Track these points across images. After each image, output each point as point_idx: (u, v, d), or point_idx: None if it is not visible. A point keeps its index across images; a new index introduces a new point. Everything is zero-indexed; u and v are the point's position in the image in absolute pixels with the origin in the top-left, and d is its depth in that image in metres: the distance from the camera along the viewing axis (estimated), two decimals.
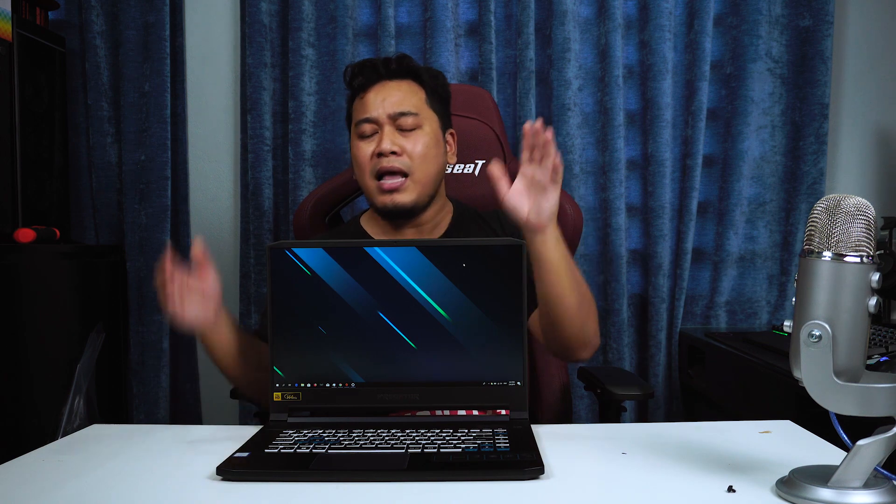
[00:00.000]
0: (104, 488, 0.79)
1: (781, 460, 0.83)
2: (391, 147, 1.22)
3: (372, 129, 1.25)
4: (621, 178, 1.96)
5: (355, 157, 1.27)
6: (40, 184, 1.84)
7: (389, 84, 1.27)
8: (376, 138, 1.25)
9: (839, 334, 0.70)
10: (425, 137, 1.25)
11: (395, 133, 1.24)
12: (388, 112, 1.24)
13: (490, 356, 0.98)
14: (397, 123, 1.24)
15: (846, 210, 0.69)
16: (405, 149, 1.23)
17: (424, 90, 1.29)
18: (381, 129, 1.24)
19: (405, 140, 1.24)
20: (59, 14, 2.04)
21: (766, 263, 2.04)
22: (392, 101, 1.24)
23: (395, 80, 1.28)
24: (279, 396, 1.00)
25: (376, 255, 0.99)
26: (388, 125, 1.24)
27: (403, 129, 1.24)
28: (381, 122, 1.24)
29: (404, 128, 1.24)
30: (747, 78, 1.98)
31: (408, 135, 1.24)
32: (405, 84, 1.28)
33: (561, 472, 0.82)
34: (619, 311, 1.97)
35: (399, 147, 1.23)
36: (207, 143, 2.11)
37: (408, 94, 1.26)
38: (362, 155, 1.25)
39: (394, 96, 1.25)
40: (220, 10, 2.09)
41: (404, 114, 1.24)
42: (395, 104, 1.24)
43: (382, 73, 1.28)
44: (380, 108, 1.24)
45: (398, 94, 1.26)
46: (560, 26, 1.93)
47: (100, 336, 1.79)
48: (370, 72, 1.28)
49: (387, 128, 1.24)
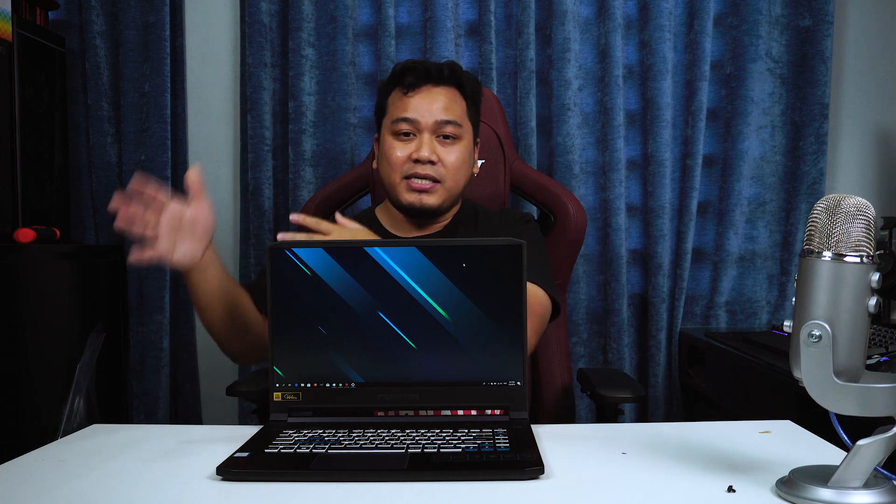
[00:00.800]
0: (104, 488, 0.79)
1: (781, 460, 0.83)
2: (430, 156, 1.22)
3: (410, 129, 1.25)
4: (621, 178, 1.96)
5: (387, 153, 1.26)
6: (40, 184, 1.84)
7: (437, 90, 1.27)
8: (414, 141, 1.24)
9: (839, 334, 0.70)
10: (462, 149, 1.26)
11: (434, 141, 1.24)
12: (436, 119, 1.24)
13: (490, 356, 0.98)
14: (439, 131, 1.24)
15: (846, 210, 0.69)
16: (442, 158, 1.24)
17: (466, 101, 1.30)
18: (421, 135, 1.24)
19: (443, 149, 1.25)
20: (59, 14, 2.04)
21: (766, 263, 2.04)
22: (439, 108, 1.25)
23: (442, 86, 1.28)
24: (279, 396, 1.00)
25: (376, 255, 0.99)
26: (429, 132, 1.24)
27: (444, 136, 1.25)
28: (422, 128, 1.24)
29: (445, 136, 1.25)
30: (747, 78, 1.98)
31: (447, 144, 1.25)
32: (451, 92, 1.28)
33: (561, 472, 0.82)
34: (619, 311, 1.97)
35: (437, 156, 1.23)
36: (207, 143, 2.11)
37: (452, 103, 1.27)
38: (396, 154, 1.25)
39: (440, 103, 1.25)
40: (220, 10, 2.09)
41: (449, 122, 1.24)
42: (442, 112, 1.25)
43: (433, 76, 1.27)
44: (426, 112, 1.24)
45: (445, 100, 1.26)
46: (560, 26, 1.93)
47: (100, 336, 1.79)
48: (422, 73, 1.27)
49: (426, 134, 1.24)
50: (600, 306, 2.02)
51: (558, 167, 1.96)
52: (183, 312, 2.06)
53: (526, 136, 1.95)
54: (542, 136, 2.00)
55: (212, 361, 2.11)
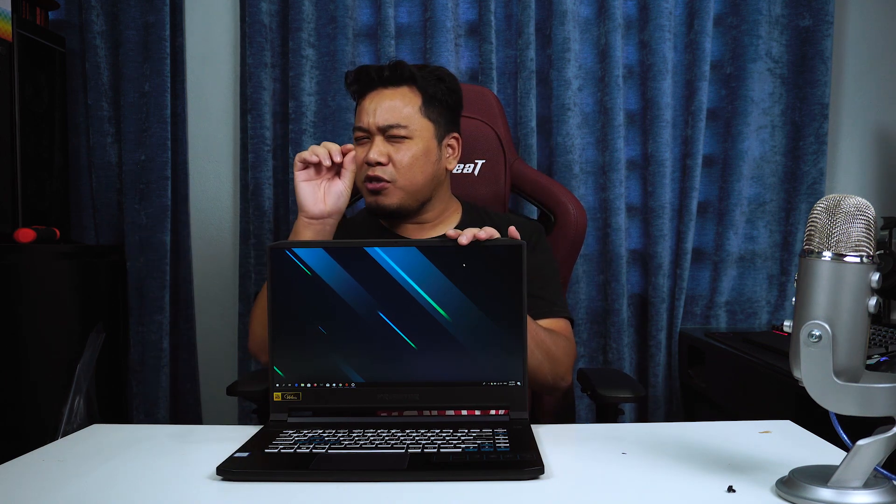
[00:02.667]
0: (104, 488, 0.79)
1: (781, 460, 0.83)
2: (377, 157, 1.24)
3: (363, 135, 1.28)
4: (621, 178, 1.96)
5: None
6: (40, 184, 1.84)
7: (384, 92, 1.28)
8: (367, 145, 1.27)
9: (839, 334, 0.70)
10: (413, 148, 1.26)
11: (384, 142, 1.26)
12: (378, 124, 1.25)
13: (490, 356, 0.98)
14: (388, 133, 1.26)
15: (846, 210, 0.69)
16: (392, 158, 1.25)
17: (421, 97, 1.29)
18: (372, 138, 1.26)
19: (394, 149, 1.25)
20: (59, 14, 2.04)
21: (766, 263, 2.04)
22: (382, 112, 1.26)
23: (390, 87, 1.28)
24: (279, 396, 1.00)
25: (376, 255, 0.99)
26: (379, 135, 1.26)
27: (393, 137, 1.26)
28: (371, 132, 1.26)
29: (395, 136, 1.26)
30: (747, 78, 1.98)
31: (396, 144, 1.26)
32: (400, 91, 1.28)
33: (561, 472, 0.82)
34: (619, 311, 1.97)
35: (385, 157, 1.25)
36: (207, 143, 2.11)
37: (402, 103, 1.27)
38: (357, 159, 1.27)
39: (385, 106, 1.26)
40: (220, 10, 2.09)
41: (392, 126, 1.25)
42: (385, 116, 1.25)
43: (376, 81, 1.28)
44: (371, 117, 1.26)
45: (390, 103, 1.26)
46: (560, 26, 1.93)
47: (100, 336, 1.79)
48: (365, 79, 1.29)
49: (377, 137, 1.26)
50: (600, 306, 2.02)
51: (558, 167, 1.96)
52: (183, 312, 2.06)
53: (526, 136, 1.95)
54: (542, 136, 2.00)
55: (212, 361, 2.11)
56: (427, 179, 1.29)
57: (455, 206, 1.38)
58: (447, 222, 1.34)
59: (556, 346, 1.15)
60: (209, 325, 2.11)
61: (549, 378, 1.15)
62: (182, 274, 2.05)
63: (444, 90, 1.31)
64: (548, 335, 1.14)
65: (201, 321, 2.09)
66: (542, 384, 1.16)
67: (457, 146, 1.35)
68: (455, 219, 1.36)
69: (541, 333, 1.12)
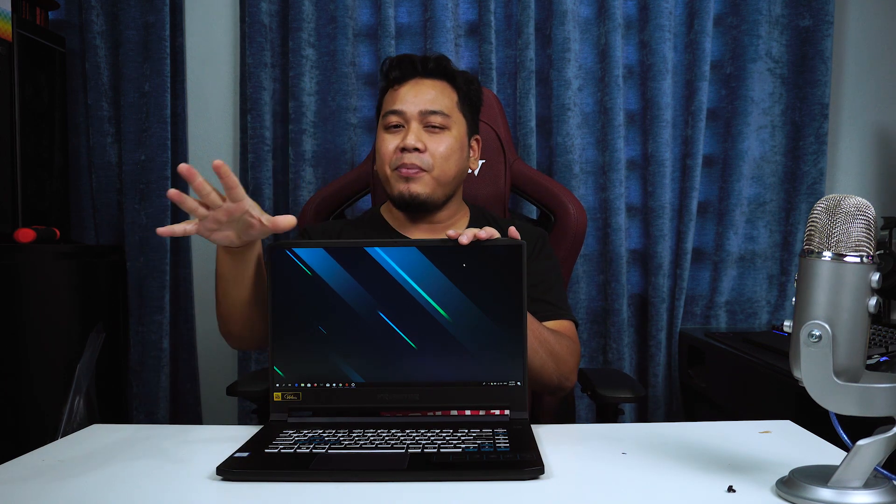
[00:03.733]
0: (104, 488, 0.79)
1: (781, 460, 0.83)
2: (415, 143, 1.22)
3: (398, 121, 1.26)
4: (621, 178, 1.96)
5: (378, 147, 1.28)
6: (40, 184, 1.84)
7: (425, 82, 1.28)
8: (401, 132, 1.25)
9: (839, 334, 0.70)
10: (450, 139, 1.26)
11: (422, 130, 1.25)
12: (420, 108, 1.24)
13: (490, 356, 0.98)
14: (426, 121, 1.25)
15: (846, 210, 0.69)
16: (429, 147, 1.24)
17: (457, 94, 1.30)
18: (409, 125, 1.25)
19: (430, 138, 1.25)
20: (59, 14, 2.04)
21: (766, 263, 2.04)
22: (425, 99, 1.25)
23: (430, 78, 1.29)
24: (279, 396, 1.00)
25: (376, 255, 0.99)
26: (416, 122, 1.25)
27: (431, 127, 1.25)
28: (409, 118, 1.25)
29: (432, 126, 1.25)
30: (747, 78, 1.98)
31: (434, 133, 1.25)
32: (440, 84, 1.29)
33: (561, 472, 0.82)
34: (619, 311, 1.97)
35: (423, 144, 1.23)
36: (207, 143, 2.11)
37: (441, 94, 1.27)
38: (385, 147, 1.26)
39: (427, 94, 1.26)
40: (220, 10, 2.09)
41: (434, 112, 1.25)
42: (428, 102, 1.25)
43: (419, 70, 1.28)
44: (411, 103, 1.25)
45: (432, 92, 1.27)
46: (560, 26, 1.93)
47: (100, 336, 1.79)
48: (408, 66, 1.29)
49: (414, 124, 1.24)
50: (600, 306, 2.02)
51: (558, 167, 1.96)
52: (183, 312, 2.06)
53: (526, 136, 1.95)
54: (542, 136, 2.00)
55: (212, 361, 2.11)
56: (458, 174, 1.29)
57: (464, 210, 1.37)
58: (457, 225, 1.34)
59: (560, 345, 1.15)
60: (209, 325, 2.11)
61: (553, 378, 1.15)
62: (182, 274, 2.05)
63: (474, 91, 1.33)
64: (551, 334, 1.14)
65: (201, 321, 2.09)
66: (546, 384, 1.16)
67: (477, 148, 1.36)
68: (464, 222, 1.35)
69: (544, 332, 1.13)
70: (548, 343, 1.12)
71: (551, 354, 1.13)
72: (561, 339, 1.17)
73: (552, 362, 1.13)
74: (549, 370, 1.13)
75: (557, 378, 1.15)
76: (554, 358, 1.13)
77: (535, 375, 1.11)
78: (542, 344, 1.11)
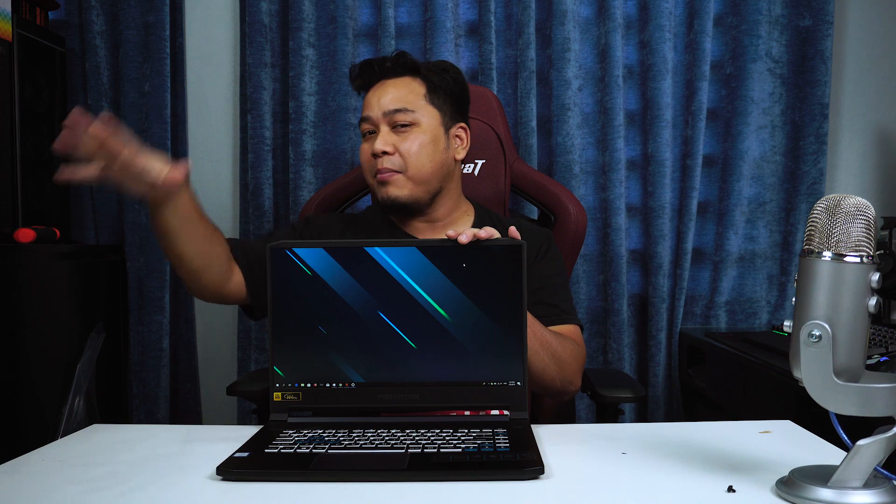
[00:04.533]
0: (104, 488, 0.79)
1: (781, 460, 0.83)
2: (383, 147, 1.23)
3: (369, 128, 1.27)
4: (621, 178, 1.96)
5: (361, 158, 1.30)
6: (40, 184, 1.84)
7: (387, 83, 1.28)
8: (374, 138, 1.26)
9: (839, 334, 0.70)
10: (421, 135, 1.25)
11: (390, 132, 1.25)
12: (383, 110, 1.25)
13: (490, 356, 0.98)
14: (392, 120, 1.24)
15: (846, 210, 0.69)
16: (398, 147, 1.24)
17: (425, 85, 1.28)
18: (378, 129, 1.25)
19: (399, 138, 1.24)
20: (59, 14, 2.04)
21: (766, 263, 2.04)
22: (386, 100, 1.25)
23: (392, 77, 1.28)
24: (279, 396, 1.00)
25: (376, 255, 0.99)
26: (384, 124, 1.25)
27: (399, 125, 1.25)
28: (376, 122, 1.25)
29: (401, 125, 1.25)
30: (747, 78, 1.98)
31: (402, 132, 1.25)
32: (403, 81, 1.28)
33: (561, 472, 0.82)
34: (619, 311, 1.97)
35: (392, 146, 1.23)
36: (207, 143, 2.11)
37: (405, 91, 1.27)
38: (364, 155, 1.28)
39: (388, 94, 1.26)
40: (220, 10, 2.09)
41: (397, 110, 1.24)
42: (389, 101, 1.25)
43: (378, 72, 1.29)
44: (375, 106, 1.26)
45: (394, 91, 1.26)
46: (560, 26, 1.93)
47: (100, 336, 1.79)
48: (367, 71, 1.30)
49: (383, 127, 1.25)
50: (600, 306, 2.02)
51: (558, 167, 1.96)
52: (183, 312, 2.06)
53: (526, 136, 1.95)
54: (542, 136, 2.00)
55: (212, 361, 2.11)
56: (436, 167, 1.26)
57: (467, 208, 1.36)
58: (459, 223, 1.33)
59: (563, 348, 1.14)
60: (209, 325, 2.11)
61: (556, 381, 1.14)
62: None
63: (449, 80, 1.30)
64: (554, 337, 1.13)
65: (201, 321, 2.09)
66: (549, 387, 1.15)
67: (465, 137, 1.33)
68: (467, 220, 1.34)
69: (546, 335, 1.12)
70: (550, 346, 1.12)
71: (554, 357, 1.12)
72: (565, 342, 1.16)
73: (554, 365, 1.12)
74: (550, 373, 1.12)
75: (560, 382, 1.15)
76: (556, 361, 1.13)
77: (536, 378, 1.11)
78: (544, 346, 1.11)
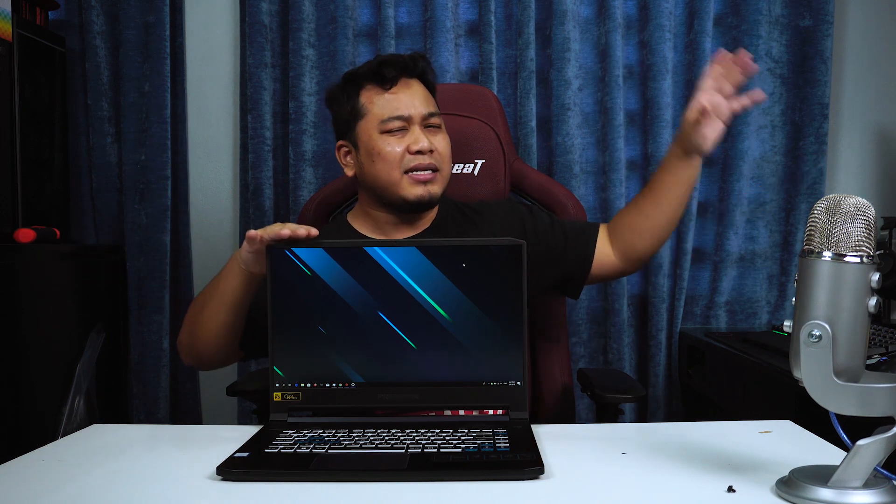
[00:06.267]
0: (104, 488, 0.79)
1: (781, 460, 0.83)
2: (429, 146, 1.23)
3: (402, 125, 1.24)
4: (621, 178, 1.96)
5: (382, 151, 1.23)
6: (40, 184, 1.84)
7: (412, 82, 1.28)
8: (406, 135, 1.24)
9: (839, 334, 0.70)
10: (447, 137, 1.29)
11: (423, 132, 1.25)
12: (422, 112, 1.25)
13: (490, 356, 0.99)
14: (427, 122, 1.26)
15: (846, 210, 0.69)
16: (436, 147, 1.25)
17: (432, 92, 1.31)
18: (413, 127, 1.25)
19: (434, 139, 1.26)
20: (59, 14, 2.04)
21: (766, 263, 2.04)
22: (422, 101, 1.26)
23: (415, 78, 1.29)
24: (279, 396, 1.00)
25: (376, 255, 0.99)
26: (418, 125, 1.25)
27: (430, 127, 1.26)
28: (415, 121, 1.25)
29: (432, 126, 1.26)
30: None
31: (433, 133, 1.26)
32: (421, 83, 1.29)
33: (561, 472, 0.82)
34: (619, 312, 1.97)
35: (432, 146, 1.25)
36: (207, 143, 2.11)
37: (428, 93, 1.29)
38: (392, 151, 1.23)
39: (420, 95, 1.27)
40: (220, 10, 2.09)
41: (433, 114, 1.26)
42: (425, 104, 1.26)
43: (410, 69, 1.27)
44: (411, 107, 1.25)
45: (423, 93, 1.27)
46: (560, 26, 1.93)
47: (100, 336, 1.79)
48: (401, 65, 1.27)
49: (416, 126, 1.25)
50: (600, 306, 2.02)
51: (558, 167, 1.96)
52: (183, 312, 2.05)
53: (526, 136, 1.95)
54: (542, 136, 2.00)
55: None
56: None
57: None
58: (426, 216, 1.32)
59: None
60: None
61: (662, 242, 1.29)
62: (182, 274, 2.05)
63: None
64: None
65: None
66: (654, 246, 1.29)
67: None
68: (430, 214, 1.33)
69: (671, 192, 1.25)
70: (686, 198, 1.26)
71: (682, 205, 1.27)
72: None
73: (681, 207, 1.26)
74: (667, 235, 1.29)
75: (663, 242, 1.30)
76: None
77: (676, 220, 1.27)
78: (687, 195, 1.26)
